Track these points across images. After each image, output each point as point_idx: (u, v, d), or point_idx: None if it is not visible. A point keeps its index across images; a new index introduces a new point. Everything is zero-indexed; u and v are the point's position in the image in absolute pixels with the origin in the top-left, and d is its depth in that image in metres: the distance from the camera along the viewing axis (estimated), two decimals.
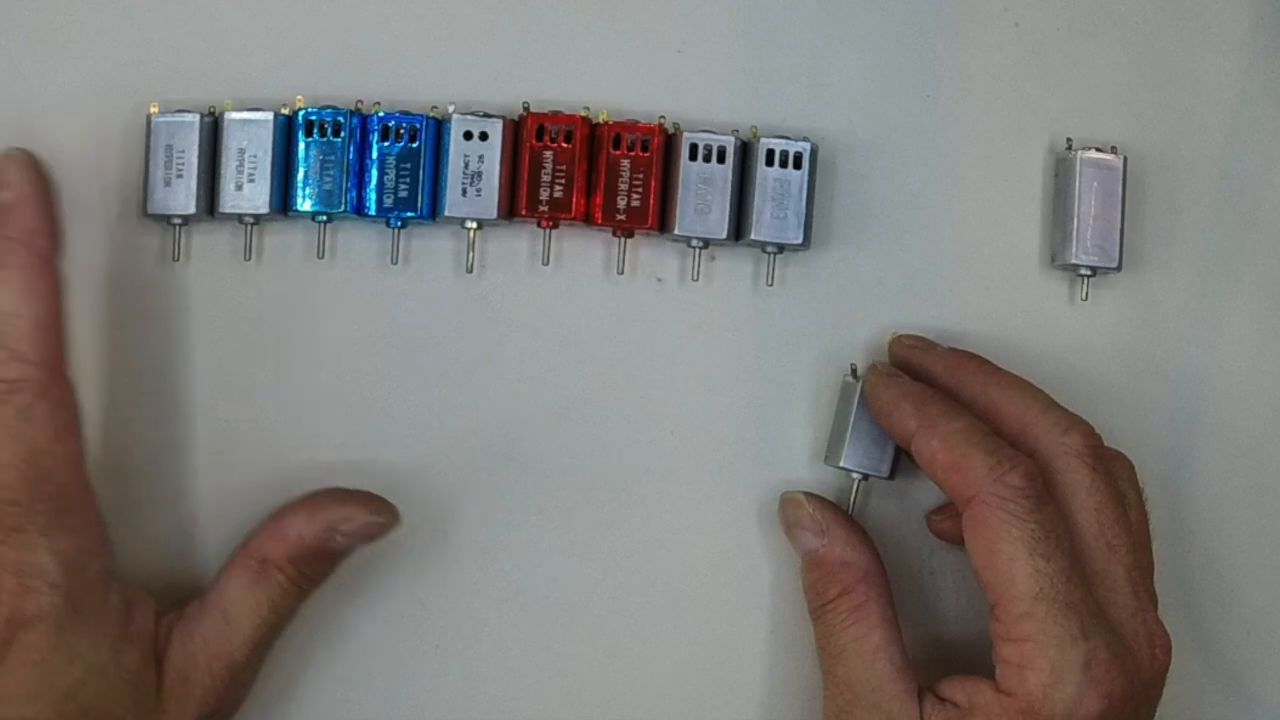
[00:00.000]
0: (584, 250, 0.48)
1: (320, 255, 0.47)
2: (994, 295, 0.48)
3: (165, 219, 0.46)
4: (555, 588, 0.48)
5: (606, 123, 0.46)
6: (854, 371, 0.47)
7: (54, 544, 0.40)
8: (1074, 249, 0.47)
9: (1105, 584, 0.42)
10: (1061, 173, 0.48)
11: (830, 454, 0.47)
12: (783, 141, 0.46)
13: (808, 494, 0.46)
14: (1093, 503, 0.42)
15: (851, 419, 0.46)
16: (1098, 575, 0.42)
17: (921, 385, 0.45)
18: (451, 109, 0.46)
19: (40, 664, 0.40)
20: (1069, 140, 0.48)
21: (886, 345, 0.47)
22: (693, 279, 0.47)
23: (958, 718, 0.42)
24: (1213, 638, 0.49)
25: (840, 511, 0.46)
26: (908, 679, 0.43)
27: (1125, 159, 0.47)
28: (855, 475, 0.46)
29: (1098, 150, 0.47)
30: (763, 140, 0.46)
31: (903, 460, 0.46)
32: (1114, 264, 0.47)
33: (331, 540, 0.44)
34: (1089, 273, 0.47)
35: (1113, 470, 0.43)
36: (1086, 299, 0.48)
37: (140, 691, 0.42)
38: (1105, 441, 0.43)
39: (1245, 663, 0.49)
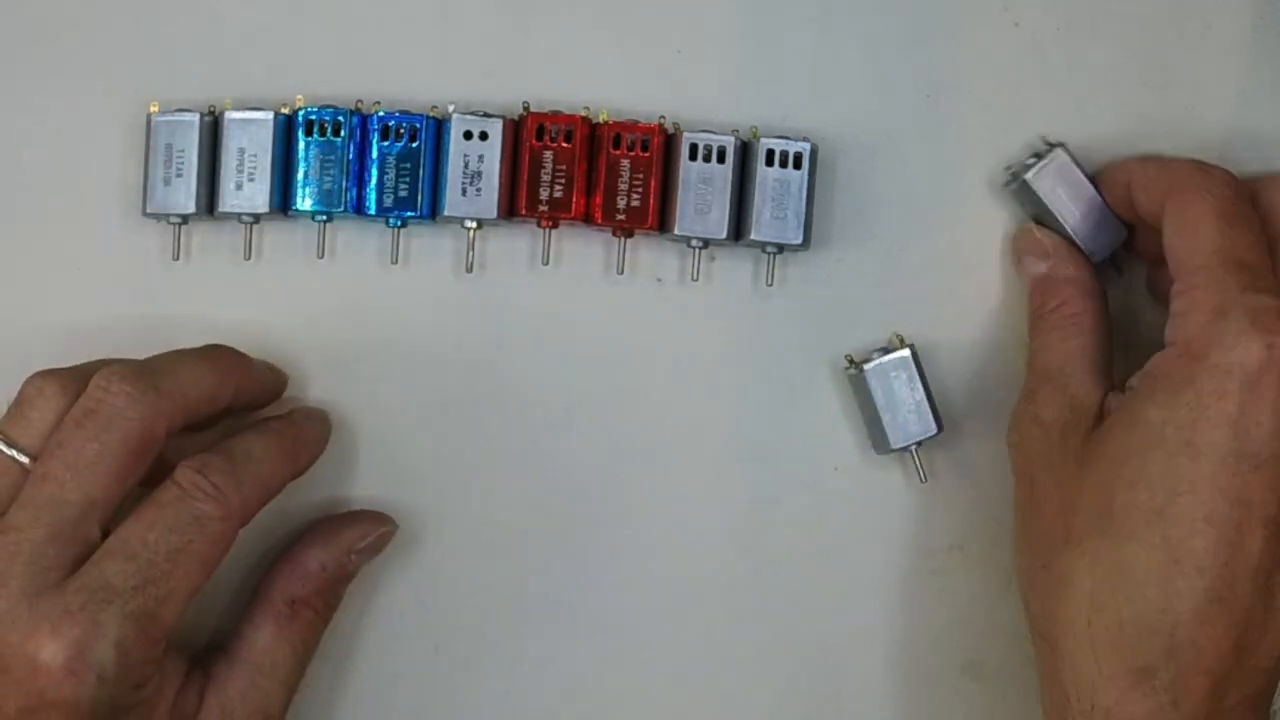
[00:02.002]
0: (584, 250, 0.48)
1: (320, 255, 0.47)
2: (994, 295, 0.48)
3: (165, 218, 0.46)
4: (554, 587, 0.48)
5: (606, 123, 0.46)
6: (851, 362, 0.47)
7: (123, 635, 0.38)
8: None
9: None
10: (1025, 196, 0.47)
11: (876, 443, 0.47)
12: (783, 141, 0.46)
13: (1036, 224, 0.47)
14: None
15: (877, 402, 0.46)
16: None
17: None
18: (451, 109, 0.46)
19: None
20: (1046, 140, 0.47)
21: (894, 336, 0.47)
22: (693, 279, 0.47)
23: (1128, 393, 0.42)
24: None
25: (1063, 240, 0.46)
26: (1102, 375, 0.44)
27: (1063, 145, 0.46)
28: (911, 448, 0.46)
29: (1036, 157, 0.46)
30: (763, 140, 0.46)
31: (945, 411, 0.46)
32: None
33: (349, 563, 0.45)
34: None
35: None
36: None
37: None
38: None
39: None
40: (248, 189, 0.45)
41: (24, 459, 0.40)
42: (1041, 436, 0.43)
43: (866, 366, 0.46)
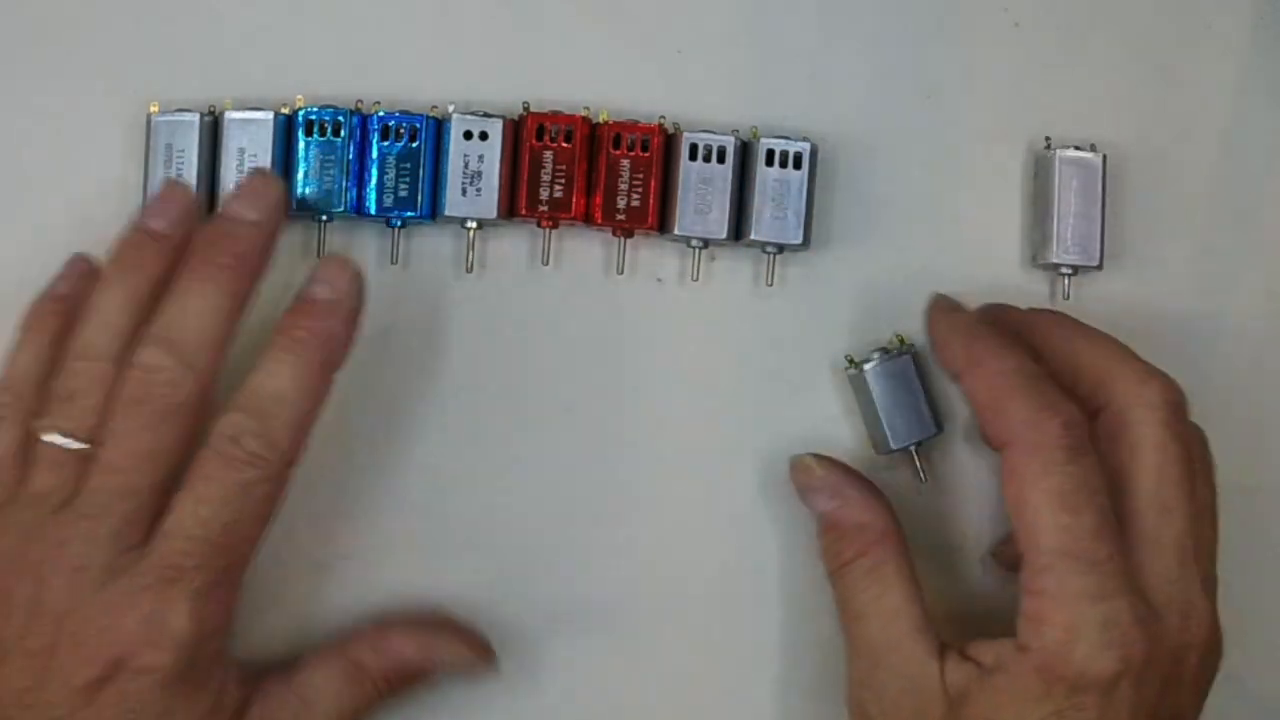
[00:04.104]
0: (584, 250, 0.48)
1: (320, 255, 0.47)
2: (994, 296, 0.48)
3: None
4: (555, 586, 0.48)
5: (606, 123, 0.46)
6: (851, 362, 0.47)
7: (197, 609, 0.40)
8: (1054, 248, 0.47)
9: (1149, 547, 0.41)
10: (1040, 172, 0.48)
11: (877, 443, 0.47)
12: (783, 141, 0.46)
13: (817, 456, 0.46)
14: (1155, 460, 0.41)
15: (877, 402, 0.46)
16: (1143, 536, 0.41)
17: (975, 320, 0.44)
18: (451, 109, 0.46)
19: (131, 714, 0.40)
20: (1047, 139, 0.47)
21: (894, 336, 0.47)
22: (693, 279, 0.47)
23: (978, 676, 0.41)
24: None
25: (853, 472, 0.45)
26: (929, 639, 0.42)
27: (1105, 156, 0.47)
28: (910, 448, 0.46)
29: (1076, 149, 0.47)
30: (763, 140, 0.46)
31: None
32: (1095, 262, 0.47)
33: (430, 669, 0.45)
34: (1069, 271, 0.47)
35: (1187, 435, 0.42)
36: (1068, 298, 0.48)
37: None
38: None
39: (1245, 663, 0.49)
40: None
41: (78, 445, 0.41)
42: None
43: (866, 366, 0.46)
